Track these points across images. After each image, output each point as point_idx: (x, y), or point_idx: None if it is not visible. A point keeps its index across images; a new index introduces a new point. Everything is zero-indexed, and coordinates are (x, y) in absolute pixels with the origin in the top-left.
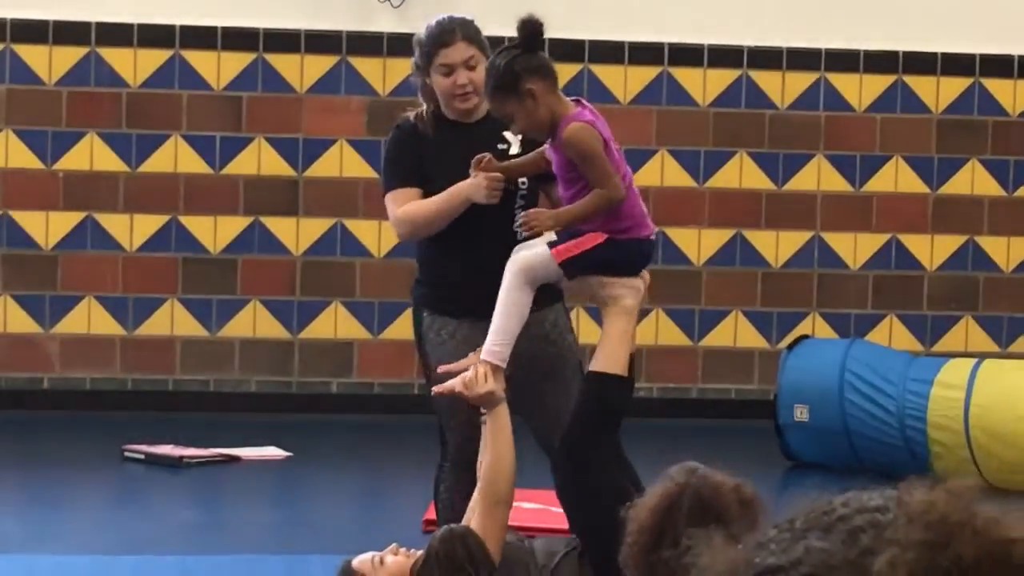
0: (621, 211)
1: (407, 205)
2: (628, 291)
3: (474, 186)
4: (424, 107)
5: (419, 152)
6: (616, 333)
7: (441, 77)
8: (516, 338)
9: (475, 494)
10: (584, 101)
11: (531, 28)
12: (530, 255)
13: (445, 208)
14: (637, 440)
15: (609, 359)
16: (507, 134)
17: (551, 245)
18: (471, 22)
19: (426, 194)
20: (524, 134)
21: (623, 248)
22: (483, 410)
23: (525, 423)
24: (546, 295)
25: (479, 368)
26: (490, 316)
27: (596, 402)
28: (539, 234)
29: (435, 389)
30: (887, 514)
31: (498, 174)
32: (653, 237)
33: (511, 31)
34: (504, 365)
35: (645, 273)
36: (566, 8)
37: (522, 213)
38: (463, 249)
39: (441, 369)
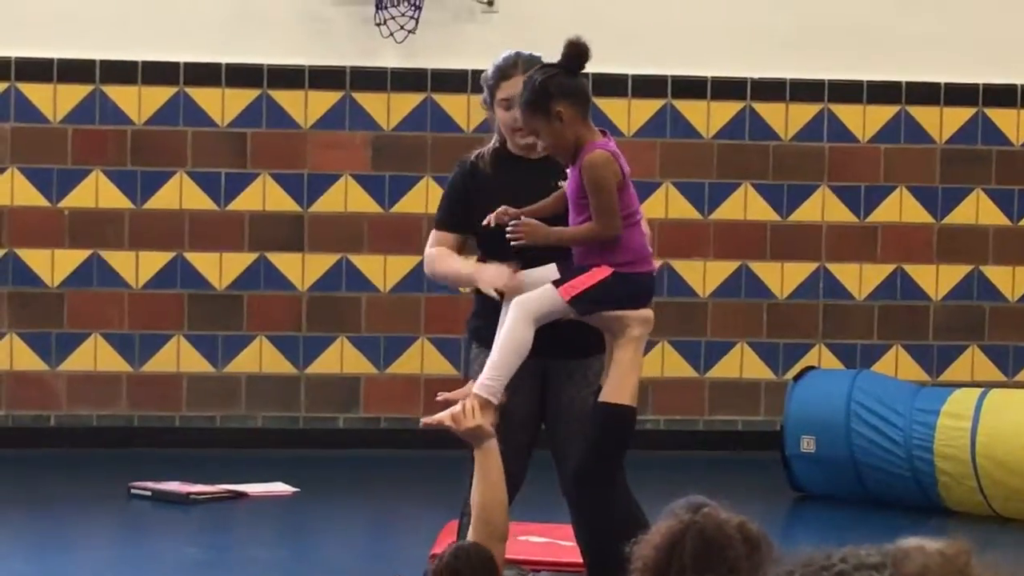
0: (624, 246)
1: (437, 251)
2: (635, 321)
3: (487, 276)
4: (491, 143)
5: (470, 193)
6: (624, 363)
7: (502, 111)
8: (513, 374)
9: (470, 531)
10: (609, 134)
11: (576, 50)
12: (536, 295)
13: (455, 277)
14: (644, 472)
15: (618, 389)
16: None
17: (556, 284)
18: (537, 58)
19: (483, 229)
20: (548, 153)
21: (628, 282)
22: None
23: (555, 463)
24: (595, 343)
25: (468, 402)
26: (538, 352)
27: (607, 432)
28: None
29: (423, 421)
30: (884, 572)
31: (512, 281)
32: (655, 273)
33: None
34: (496, 401)
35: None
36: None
37: (517, 222)
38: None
39: (440, 397)
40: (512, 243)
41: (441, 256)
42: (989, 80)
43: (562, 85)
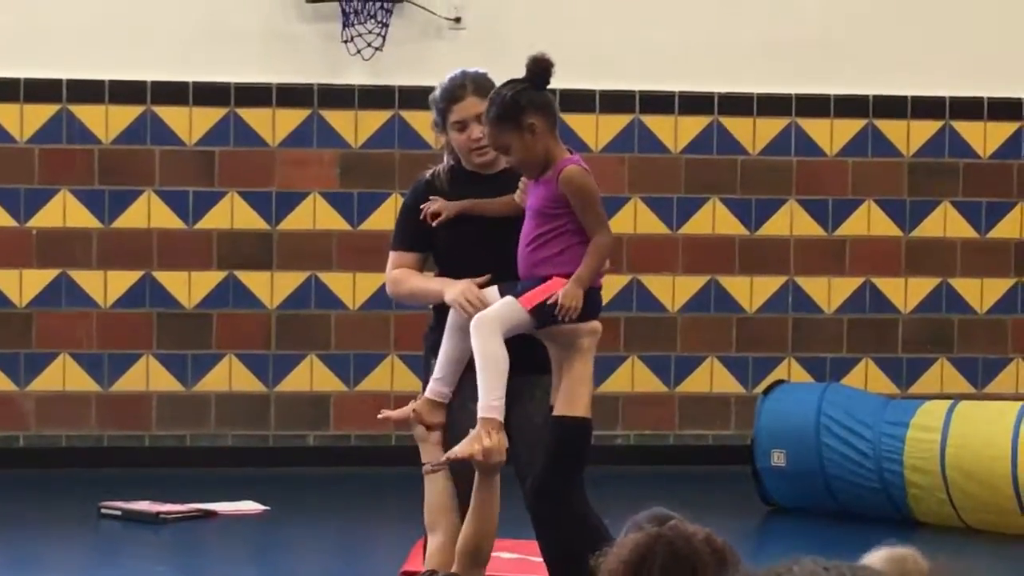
0: (575, 260)
1: (400, 272)
2: (585, 333)
3: (456, 291)
4: (444, 163)
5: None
6: (575, 375)
7: (456, 133)
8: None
9: (455, 564)
10: (575, 151)
11: (541, 65)
12: (495, 310)
13: (423, 294)
14: (615, 488)
15: (571, 402)
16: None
17: (516, 295)
18: (483, 75)
19: (441, 244)
20: (516, 168)
21: (586, 293)
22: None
23: (518, 480)
24: (547, 359)
25: (486, 430)
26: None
27: (564, 445)
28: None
29: (449, 455)
30: None
31: (478, 295)
32: (600, 288)
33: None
34: (502, 419)
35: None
36: None
37: (554, 305)
38: None
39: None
40: (563, 317)
41: (405, 276)
42: (956, 93)
43: (532, 98)
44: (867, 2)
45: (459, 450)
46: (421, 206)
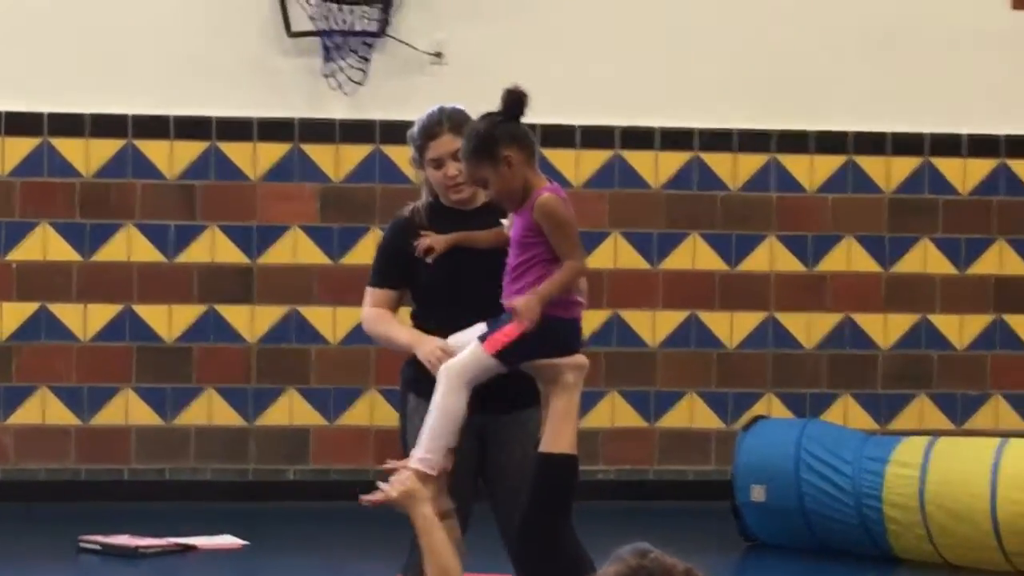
0: None
1: (376, 313)
2: (568, 368)
3: (427, 350)
4: (424, 199)
5: (408, 249)
6: (560, 411)
7: (433, 170)
8: (450, 442)
9: None
10: (555, 182)
11: (515, 98)
12: (463, 357)
13: (394, 343)
14: (595, 523)
15: (556, 438)
16: (504, 222)
17: (481, 339)
18: (460, 111)
19: (428, 279)
20: (495, 201)
21: (553, 328)
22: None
23: (496, 519)
24: (532, 395)
25: (403, 475)
26: (474, 408)
27: (549, 483)
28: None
29: (363, 500)
30: None
31: (447, 351)
32: (579, 319)
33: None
34: (434, 473)
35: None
36: None
37: (511, 304)
38: (455, 327)
39: (388, 465)
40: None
41: (382, 318)
42: (935, 130)
43: (508, 131)
44: (847, 39)
45: (375, 495)
46: (411, 242)
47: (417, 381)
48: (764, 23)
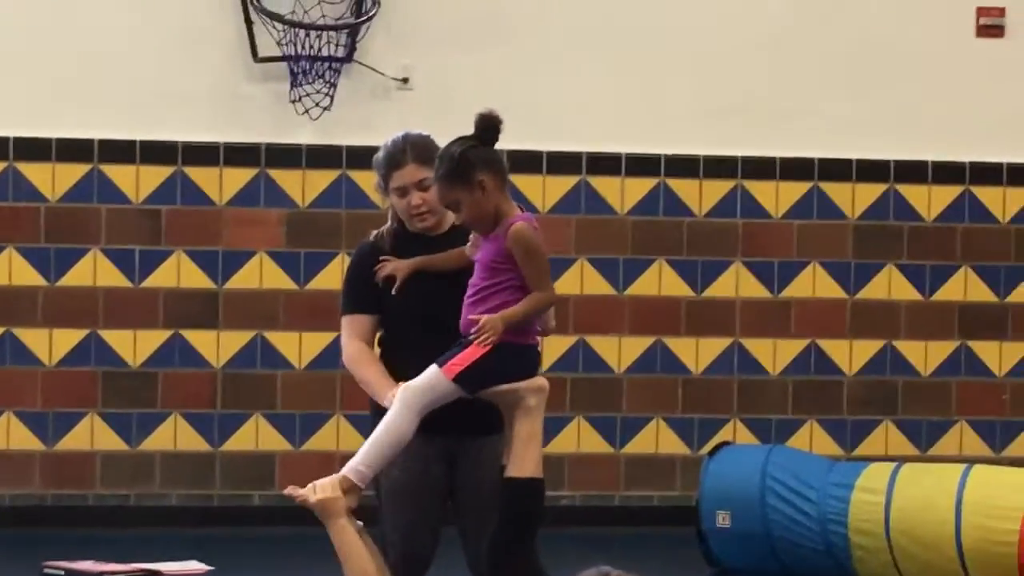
0: None
1: (358, 352)
2: (529, 392)
3: (387, 396)
4: (388, 224)
5: (375, 275)
6: (524, 435)
7: (397, 198)
8: (389, 463)
9: None
10: (526, 209)
11: (488, 123)
12: (421, 380)
13: (370, 389)
14: (560, 549)
15: (521, 463)
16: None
17: (439, 363)
18: (424, 140)
19: (393, 304)
20: (466, 225)
21: (512, 353)
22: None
23: (463, 543)
24: (499, 419)
25: (331, 480)
26: (444, 431)
27: (516, 507)
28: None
29: (287, 491)
30: None
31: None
32: (538, 346)
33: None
34: (363, 487)
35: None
36: None
37: (472, 323)
38: (421, 360)
39: (287, 491)
40: (476, 337)
41: (360, 359)
42: (900, 157)
43: (482, 155)
44: (813, 66)
45: (300, 490)
46: (374, 268)
47: (384, 411)
48: (730, 50)
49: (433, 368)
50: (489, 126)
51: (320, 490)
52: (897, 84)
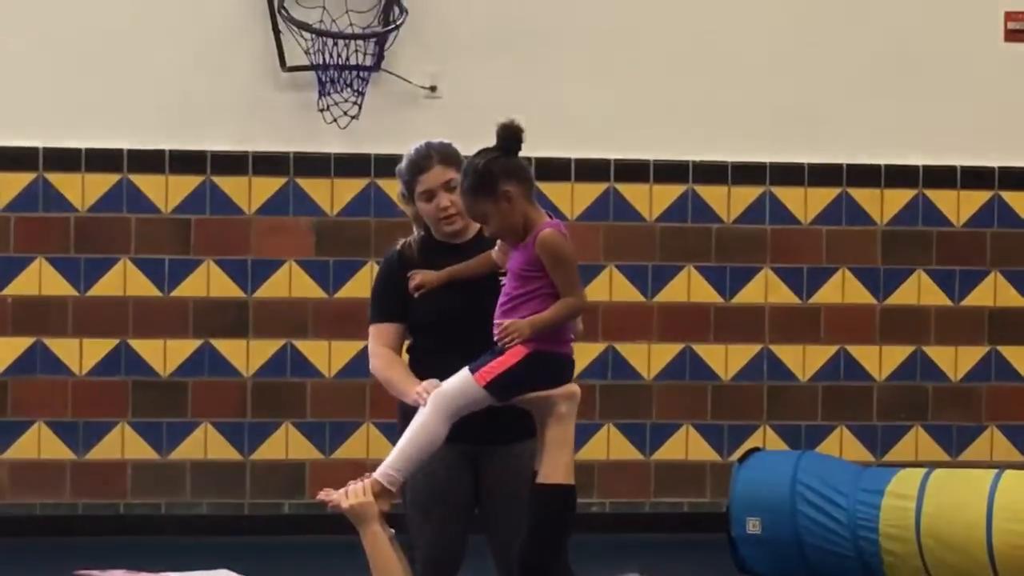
0: None
1: (385, 355)
2: (561, 399)
3: (412, 392)
4: (415, 234)
5: (403, 282)
6: (555, 442)
7: (424, 203)
8: (421, 467)
9: None
10: (554, 216)
11: (510, 132)
12: (453, 386)
13: (395, 390)
14: (591, 555)
15: (552, 469)
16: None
17: (472, 370)
18: (448, 145)
19: (423, 315)
20: (496, 236)
21: (545, 361)
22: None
23: (491, 551)
24: (527, 426)
25: (362, 484)
26: (470, 438)
27: (547, 514)
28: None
29: (319, 496)
30: None
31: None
32: (571, 356)
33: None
34: (395, 491)
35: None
36: None
37: (500, 324)
38: (450, 368)
39: (319, 496)
40: (502, 343)
41: (388, 364)
42: (929, 162)
43: (506, 166)
44: (840, 72)
45: (332, 495)
46: (402, 278)
47: (412, 414)
48: (758, 57)
49: (465, 373)
50: (511, 136)
51: (353, 495)
52: (925, 89)
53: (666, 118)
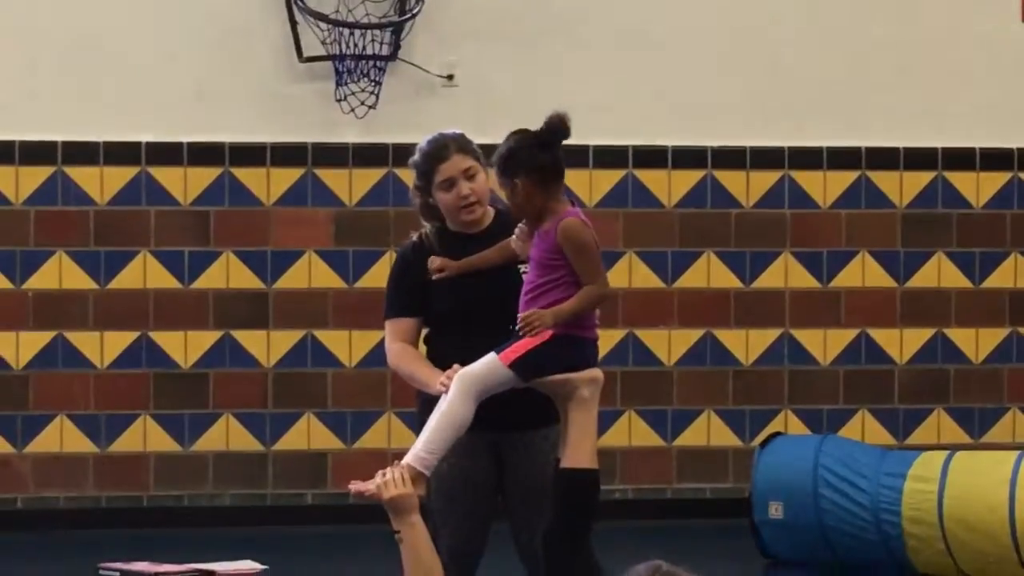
0: None
1: (401, 348)
2: (583, 383)
3: (435, 381)
4: (427, 227)
5: (421, 275)
6: (578, 426)
7: (443, 193)
8: (450, 450)
9: None
10: (577, 204)
11: (553, 125)
12: (478, 366)
13: (418, 381)
14: (613, 542)
15: (575, 453)
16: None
17: (497, 351)
18: (461, 135)
19: (440, 306)
20: (513, 215)
21: (569, 344)
22: (394, 523)
23: (514, 536)
24: (550, 412)
25: (397, 471)
26: (492, 426)
27: (571, 498)
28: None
29: (352, 488)
30: None
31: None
32: (596, 341)
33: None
34: (428, 474)
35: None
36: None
37: (521, 315)
38: (469, 358)
39: (352, 488)
40: (524, 331)
41: (404, 355)
42: (947, 144)
43: (529, 157)
44: (859, 55)
45: (367, 486)
46: (417, 271)
47: (433, 403)
48: (775, 41)
49: (490, 355)
50: (552, 129)
51: (390, 486)
52: (943, 71)
53: (684, 104)
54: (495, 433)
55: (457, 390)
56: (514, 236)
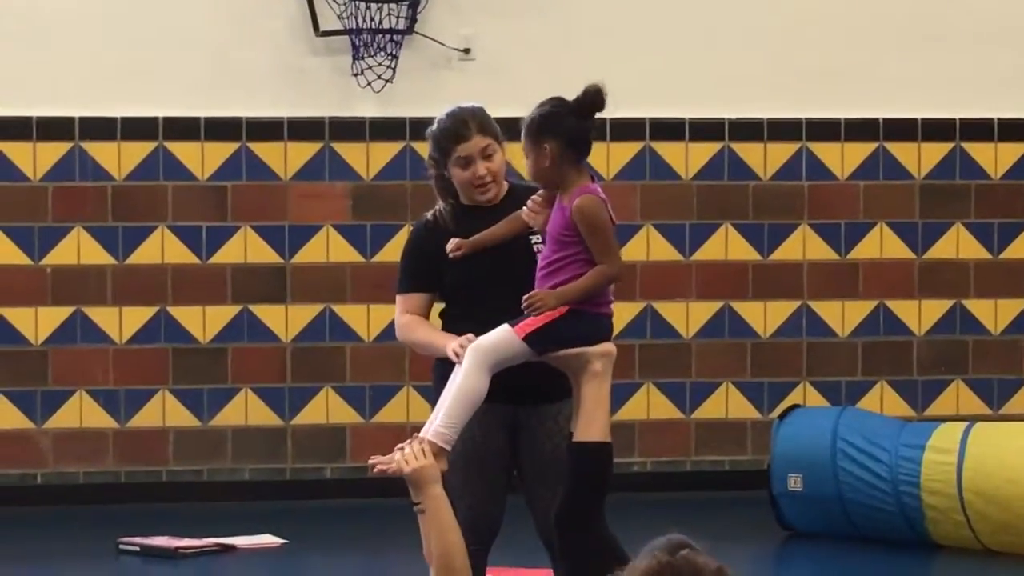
0: None
1: (409, 319)
2: (596, 356)
3: (451, 345)
4: (440, 204)
5: (435, 251)
6: (590, 399)
7: (459, 170)
8: (466, 423)
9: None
10: (597, 181)
11: (589, 97)
12: (491, 337)
13: (429, 347)
14: (632, 515)
15: (588, 427)
16: (528, 204)
17: (512, 324)
18: (481, 110)
19: (454, 281)
20: (531, 178)
21: (583, 319)
22: (414, 496)
23: (530, 510)
24: (564, 387)
25: (416, 445)
26: (506, 400)
27: (584, 471)
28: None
29: (374, 463)
30: None
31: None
32: (611, 316)
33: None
34: (448, 448)
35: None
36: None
37: (525, 296)
38: (480, 330)
39: (372, 463)
40: (528, 311)
41: (414, 324)
42: (965, 115)
43: (559, 124)
44: (875, 26)
45: (385, 461)
46: (439, 244)
47: (448, 377)
48: (792, 13)
49: (504, 327)
50: (587, 99)
51: (410, 460)
52: (959, 41)
53: (701, 76)
54: (510, 407)
55: (471, 362)
56: (525, 207)
